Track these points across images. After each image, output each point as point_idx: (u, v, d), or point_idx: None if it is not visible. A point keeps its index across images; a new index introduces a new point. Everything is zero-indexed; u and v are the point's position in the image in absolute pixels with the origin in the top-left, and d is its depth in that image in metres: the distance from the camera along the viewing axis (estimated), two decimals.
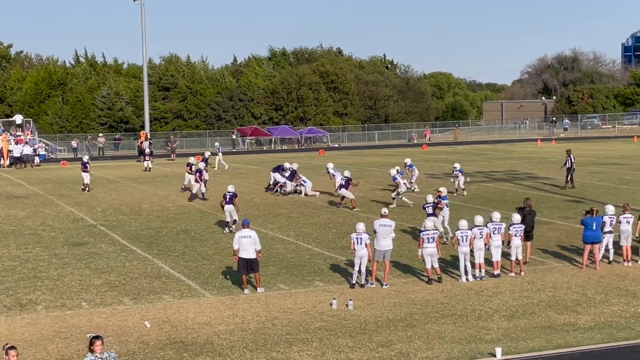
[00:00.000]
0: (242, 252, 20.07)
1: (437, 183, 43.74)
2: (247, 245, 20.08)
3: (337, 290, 20.40)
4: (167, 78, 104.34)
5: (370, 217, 31.79)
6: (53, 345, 16.25)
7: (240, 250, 20.11)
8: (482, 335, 16.41)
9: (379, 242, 20.87)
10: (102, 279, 22.12)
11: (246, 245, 20.07)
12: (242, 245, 20.12)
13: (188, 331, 17.07)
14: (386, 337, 16.38)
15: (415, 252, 23.46)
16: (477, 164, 56.08)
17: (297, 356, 15.33)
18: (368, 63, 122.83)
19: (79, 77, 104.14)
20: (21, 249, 26.91)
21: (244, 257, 20.07)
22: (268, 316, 18.12)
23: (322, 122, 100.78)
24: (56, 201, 39.27)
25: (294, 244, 26.77)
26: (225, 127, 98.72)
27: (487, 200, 36.61)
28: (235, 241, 20.30)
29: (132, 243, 27.57)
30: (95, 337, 12.14)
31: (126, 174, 54.20)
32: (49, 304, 19.54)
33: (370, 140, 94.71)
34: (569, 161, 40.78)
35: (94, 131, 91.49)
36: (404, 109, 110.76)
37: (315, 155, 70.87)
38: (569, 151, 41.73)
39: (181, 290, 20.73)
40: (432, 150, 75.22)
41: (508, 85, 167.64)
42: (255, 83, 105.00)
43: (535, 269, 22.41)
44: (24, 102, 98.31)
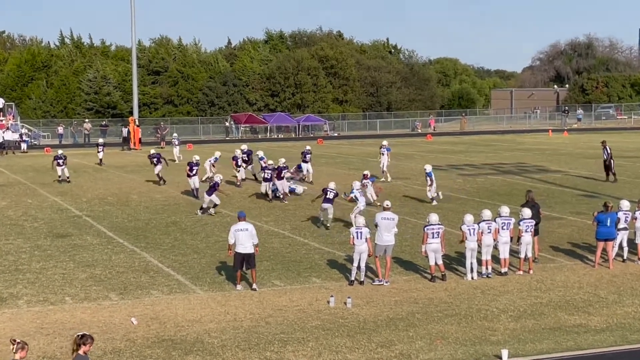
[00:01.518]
0: (238, 247, 20.00)
1: (441, 176, 43.80)
2: (243, 239, 19.99)
3: (335, 287, 20.42)
4: (157, 61, 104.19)
5: (370, 211, 31.82)
6: (35, 341, 16.26)
7: (236, 244, 20.07)
8: (488, 337, 16.44)
9: (381, 237, 20.87)
10: (86, 273, 22.13)
11: (243, 239, 19.99)
12: (238, 239, 20.02)
13: (177, 329, 17.09)
14: (386, 337, 16.40)
15: (418, 248, 23.49)
16: (485, 156, 56.11)
17: (292, 356, 15.35)
18: (370, 47, 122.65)
19: (64, 59, 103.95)
20: (1, 240, 26.91)
21: (241, 251, 20.00)
22: (262, 314, 18.14)
23: (320, 110, 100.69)
24: (39, 190, 39.27)
25: (289, 238, 26.79)
26: (218, 113, 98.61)
27: (495, 193, 36.63)
28: (230, 235, 20.21)
29: (119, 235, 27.58)
30: (88, 336, 11.84)
31: (113, 162, 54.18)
32: (31, 299, 19.55)
33: (371, 129, 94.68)
34: (606, 153, 40.68)
35: (79, 117, 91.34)
36: (408, 96, 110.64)
37: (314, 144, 70.80)
38: (604, 142, 41.65)
39: (170, 286, 20.75)
40: (437, 140, 75.25)
41: (518, 73, 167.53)
42: (250, 67, 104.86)
43: (544, 267, 22.44)
44: (6, 86, 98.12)
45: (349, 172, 45.84)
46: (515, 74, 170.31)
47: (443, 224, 21.59)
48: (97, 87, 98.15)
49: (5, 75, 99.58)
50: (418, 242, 24.10)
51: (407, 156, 56.11)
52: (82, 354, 11.90)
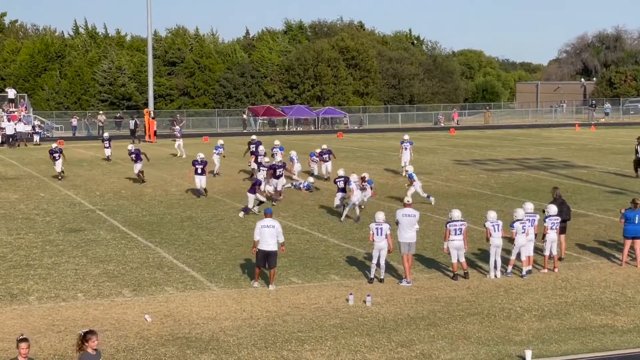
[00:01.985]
0: (262, 244, 19.91)
1: (464, 170, 43.71)
2: (268, 236, 19.90)
3: (354, 285, 20.40)
4: (173, 52, 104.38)
5: (391, 207, 31.77)
6: (46, 339, 16.33)
7: (260, 241, 19.97)
8: (511, 337, 16.38)
9: (404, 234, 20.78)
10: (99, 269, 22.21)
11: (267, 236, 19.90)
12: (263, 236, 19.94)
13: (192, 326, 17.12)
14: (407, 337, 16.37)
15: (440, 245, 23.43)
16: (509, 150, 55.91)
17: (309, 355, 15.34)
18: (392, 38, 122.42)
19: (78, 49, 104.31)
20: (13, 234, 27.05)
21: (264, 248, 19.89)
22: (278, 312, 18.14)
23: (341, 102, 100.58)
24: (51, 183, 39.44)
25: (308, 234, 26.79)
26: (235, 105, 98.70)
27: (519, 189, 36.49)
28: (256, 231, 20.05)
29: (133, 230, 27.66)
30: (90, 332, 12.06)
31: (127, 154, 54.24)
32: (42, 295, 19.63)
33: (393, 122, 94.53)
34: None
35: (93, 108, 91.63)
36: (431, 89, 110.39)
37: (333, 137, 70.80)
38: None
39: (185, 282, 20.78)
40: (460, 134, 75.04)
41: (544, 65, 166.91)
42: (268, 58, 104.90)
43: (570, 266, 22.33)
44: (18, 76, 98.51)
45: (369, 166, 45.78)
46: (541, 66, 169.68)
47: (466, 221, 21.51)
48: (111, 78, 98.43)
49: (18, 66, 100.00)
50: (440, 239, 24.04)
51: (429, 150, 55.98)
52: (90, 351, 11.97)
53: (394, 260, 22.12)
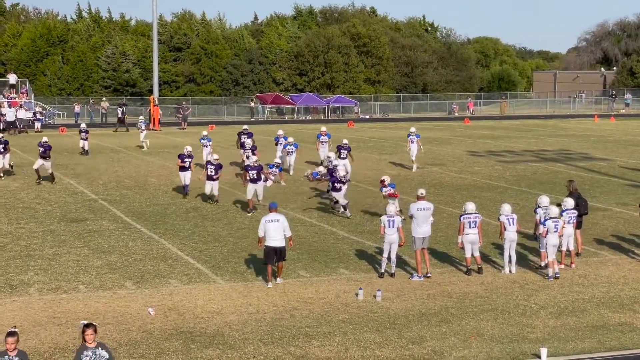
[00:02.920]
0: (269, 240, 19.71)
1: (479, 162, 43.65)
2: (274, 231, 19.70)
3: (364, 279, 20.42)
4: (179, 37, 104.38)
5: (402, 198, 31.76)
6: (46, 332, 16.39)
7: (266, 237, 19.76)
8: (526, 334, 16.38)
9: (419, 228, 20.71)
10: (102, 260, 22.27)
11: (273, 231, 19.70)
12: (269, 232, 19.73)
13: (196, 320, 17.16)
14: (418, 333, 16.38)
15: (453, 239, 23.42)
16: (526, 142, 55.81)
17: (317, 351, 15.36)
18: (405, 25, 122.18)
19: (81, 34, 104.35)
20: (13, 224, 27.13)
21: (273, 245, 19.68)
22: (286, 306, 18.17)
23: (351, 91, 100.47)
24: (53, 172, 39.47)
25: (316, 227, 26.79)
26: (242, 93, 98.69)
27: (536, 182, 36.43)
28: (260, 226, 19.90)
29: (137, 220, 27.71)
30: (87, 325, 12.16)
31: (131, 143, 54.40)
32: (43, 286, 19.70)
33: (405, 111, 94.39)
34: None
35: (96, 95, 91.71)
36: (445, 77, 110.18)
37: (344, 127, 70.75)
38: None
39: (190, 275, 20.82)
40: (475, 124, 74.92)
41: (562, 54, 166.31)
42: (277, 45, 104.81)
43: (588, 261, 22.30)
44: (19, 61, 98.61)
45: (380, 157, 45.78)
46: (560, 55, 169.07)
47: (480, 214, 21.48)
48: (115, 63, 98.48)
49: (19, 50, 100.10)
50: (453, 233, 24.03)
51: (443, 141, 55.91)
52: (89, 344, 12.07)
53: (405, 254, 22.12)
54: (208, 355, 15.14)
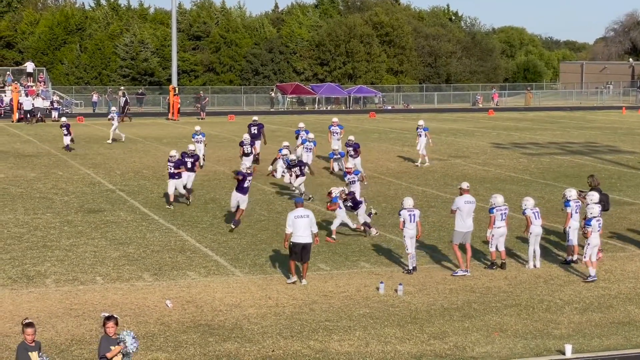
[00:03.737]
0: (296, 236, 19.36)
1: (503, 154, 43.51)
2: (302, 227, 19.38)
3: (385, 273, 20.41)
4: (198, 25, 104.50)
5: (425, 191, 31.75)
6: (63, 323, 16.47)
7: (293, 233, 19.42)
8: (550, 330, 16.33)
9: (463, 222, 20.52)
10: (119, 251, 22.35)
11: (302, 227, 19.37)
12: (296, 227, 19.37)
13: (215, 313, 17.20)
14: (440, 328, 16.36)
15: (477, 232, 23.36)
16: (551, 134, 55.58)
17: (337, 346, 15.38)
18: (429, 14, 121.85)
19: (99, 21, 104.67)
20: (30, 214, 27.27)
21: (300, 241, 19.35)
22: (305, 300, 18.19)
23: (373, 81, 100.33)
24: (70, 162, 39.68)
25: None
26: (262, 83, 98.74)
27: (561, 175, 36.29)
28: (288, 222, 19.47)
29: (154, 212, 27.80)
30: (108, 317, 12.28)
31: (150, 133, 54.57)
32: (60, 278, 19.80)
33: (428, 102, 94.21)
34: None
35: (114, 84, 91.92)
36: (469, 67, 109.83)
37: (365, 118, 70.70)
38: None
39: (208, 267, 20.87)
40: (500, 116, 74.67)
41: (590, 44, 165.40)
42: (298, 34, 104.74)
43: (614, 257, 22.21)
44: (37, 49, 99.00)
45: (402, 148, 45.69)
46: (587, 45, 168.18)
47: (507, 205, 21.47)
48: (133, 52, 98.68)
49: (37, 38, 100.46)
50: (477, 226, 24.01)
51: (466, 133, 55.77)
52: (110, 335, 12.17)
53: (427, 248, 22.10)
54: (226, 349, 15.18)
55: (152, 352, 15.01)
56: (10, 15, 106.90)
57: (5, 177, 34.79)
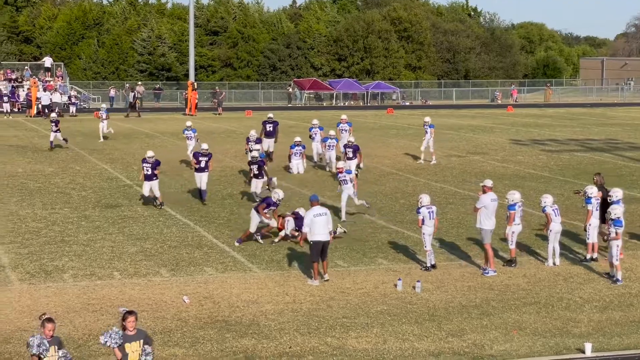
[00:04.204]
0: (315, 235, 19.06)
1: (522, 150, 43.38)
2: (321, 225, 19.13)
3: (403, 269, 20.37)
4: (216, 21, 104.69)
5: (443, 187, 31.69)
6: (80, 318, 16.53)
7: (312, 232, 19.15)
8: (570, 328, 16.27)
9: (489, 221, 20.36)
10: (136, 247, 22.41)
11: (320, 226, 19.12)
12: (315, 226, 19.12)
13: (232, 309, 17.22)
14: (458, 326, 16.33)
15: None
16: (571, 131, 55.36)
17: (354, 342, 15.37)
18: (447, 10, 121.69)
19: (117, 16, 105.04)
20: (47, 209, 27.37)
21: (320, 239, 19.06)
22: (323, 296, 18.18)
23: (391, 77, 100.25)
24: (87, 156, 39.82)
25: (355, 215, 26.75)
26: (280, 78, 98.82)
27: (581, 172, 36.13)
28: (306, 221, 19.34)
29: (172, 207, 27.84)
30: (129, 312, 12.33)
31: (167, 128, 54.68)
32: (77, 272, 19.87)
33: (447, 98, 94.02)
34: None
35: (132, 79, 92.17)
36: (488, 63, 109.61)
37: (383, 114, 70.62)
38: None
39: (225, 263, 20.90)
40: (519, 112, 74.43)
41: (610, 40, 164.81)
42: (316, 29, 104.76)
43: (635, 254, 22.10)
44: (55, 44, 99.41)
45: (420, 144, 45.54)
46: (608, 41, 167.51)
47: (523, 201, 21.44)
48: (151, 47, 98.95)
49: (55, 33, 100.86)
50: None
51: (485, 129, 55.64)
52: (129, 330, 12.21)
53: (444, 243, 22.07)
54: (243, 345, 15.20)
55: (169, 347, 15.05)
56: (29, 10, 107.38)
57: (23, 172, 34.96)
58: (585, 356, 14.75)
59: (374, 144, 44.56)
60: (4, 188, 31.19)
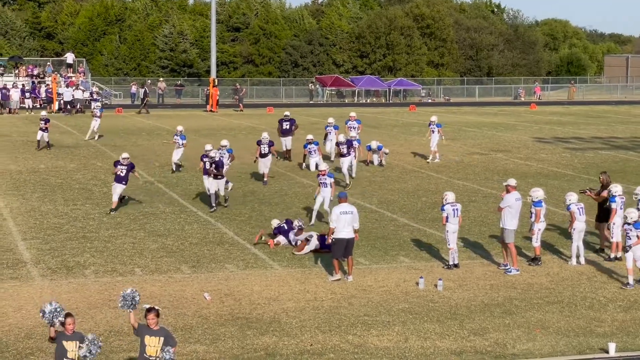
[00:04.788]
0: (340, 232, 19.09)
1: (545, 148, 43.23)
2: (346, 223, 19.15)
3: (425, 267, 20.36)
4: (237, 17, 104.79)
5: (466, 185, 31.63)
6: (102, 314, 16.61)
7: (338, 229, 19.14)
8: (593, 328, 16.21)
9: (513, 220, 20.29)
10: (158, 243, 22.49)
11: (346, 224, 19.14)
12: (341, 223, 19.13)
13: (253, 306, 17.26)
14: (480, 324, 16.30)
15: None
16: (595, 128, 55.11)
17: (375, 341, 15.37)
18: (470, 6, 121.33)
19: (139, 12, 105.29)
20: (69, 205, 27.51)
21: (344, 237, 19.11)
22: (344, 294, 18.19)
23: (414, 73, 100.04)
24: (109, 153, 39.95)
25: (376, 213, 26.76)
26: (302, 75, 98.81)
27: (606, 170, 35.92)
28: (333, 218, 19.30)
29: (193, 204, 27.92)
30: (149, 309, 12.37)
31: (188, 125, 54.73)
32: (99, 269, 19.97)
33: (469, 95, 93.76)
34: None
35: (153, 75, 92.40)
36: (511, 61, 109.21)
37: (405, 111, 70.50)
38: None
39: (246, 260, 20.94)
40: (542, 110, 74.14)
41: (635, 37, 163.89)
42: (338, 25, 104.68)
43: None
44: (77, 40, 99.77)
45: (443, 142, 45.44)
46: (633, 38, 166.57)
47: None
48: (172, 43, 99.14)
49: (76, 29, 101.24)
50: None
51: (508, 127, 55.45)
52: (151, 326, 12.28)
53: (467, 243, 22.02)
54: (264, 342, 15.23)
55: (190, 344, 15.10)
56: (51, 6, 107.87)
57: (45, 168, 35.15)
58: (609, 356, 14.70)
59: (396, 142, 44.56)
60: (26, 184, 31.38)
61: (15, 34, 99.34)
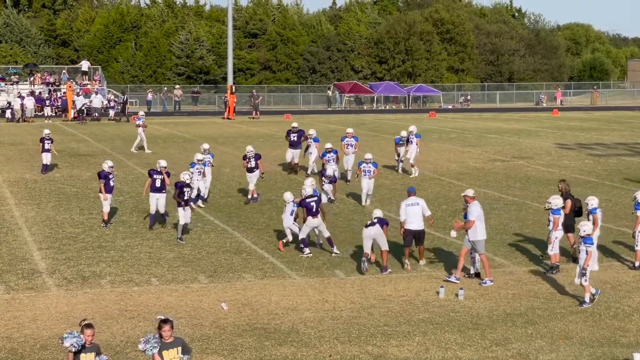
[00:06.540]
0: (408, 223, 21.15)
1: (568, 155, 43.10)
2: (414, 214, 21.23)
3: (445, 277, 20.30)
4: (254, 23, 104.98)
5: (487, 193, 31.56)
6: (118, 325, 16.64)
7: (406, 221, 21.18)
8: (618, 338, 16.13)
9: (483, 230, 20.24)
10: (174, 252, 22.53)
11: (413, 215, 21.22)
12: (409, 215, 21.20)
13: (271, 316, 17.26)
14: (502, 335, 16.25)
15: (539, 235, 23.17)
16: (619, 134, 54.93)
17: (395, 351, 15.35)
18: (491, 11, 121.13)
19: (155, 19, 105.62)
20: (85, 214, 27.60)
21: (412, 228, 21.16)
22: (363, 304, 18.17)
23: (433, 79, 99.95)
24: (125, 161, 40.11)
25: (396, 220, 26.68)
26: (319, 81, 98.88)
27: (630, 177, 35.84)
28: (401, 211, 21.38)
29: (210, 212, 27.97)
30: (164, 320, 12.35)
31: (205, 132, 54.94)
32: (115, 278, 20.01)
33: (490, 101, 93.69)
34: None
35: (169, 82, 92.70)
36: (532, 66, 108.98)
37: (425, 117, 70.47)
38: None
39: (264, 269, 20.95)
40: (565, 116, 73.99)
41: None
42: (356, 31, 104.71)
43: None
44: (92, 47, 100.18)
45: (463, 149, 45.44)
46: None
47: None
48: (189, 50, 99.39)
49: (92, 36, 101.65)
50: (539, 229, 23.83)
51: (529, 133, 55.34)
52: (166, 340, 12.28)
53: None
54: (282, 353, 15.23)
55: (208, 355, 15.11)
56: (66, 13, 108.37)
57: (60, 177, 35.30)
58: None
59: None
60: (42, 193, 31.52)
61: (31, 41, 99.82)
